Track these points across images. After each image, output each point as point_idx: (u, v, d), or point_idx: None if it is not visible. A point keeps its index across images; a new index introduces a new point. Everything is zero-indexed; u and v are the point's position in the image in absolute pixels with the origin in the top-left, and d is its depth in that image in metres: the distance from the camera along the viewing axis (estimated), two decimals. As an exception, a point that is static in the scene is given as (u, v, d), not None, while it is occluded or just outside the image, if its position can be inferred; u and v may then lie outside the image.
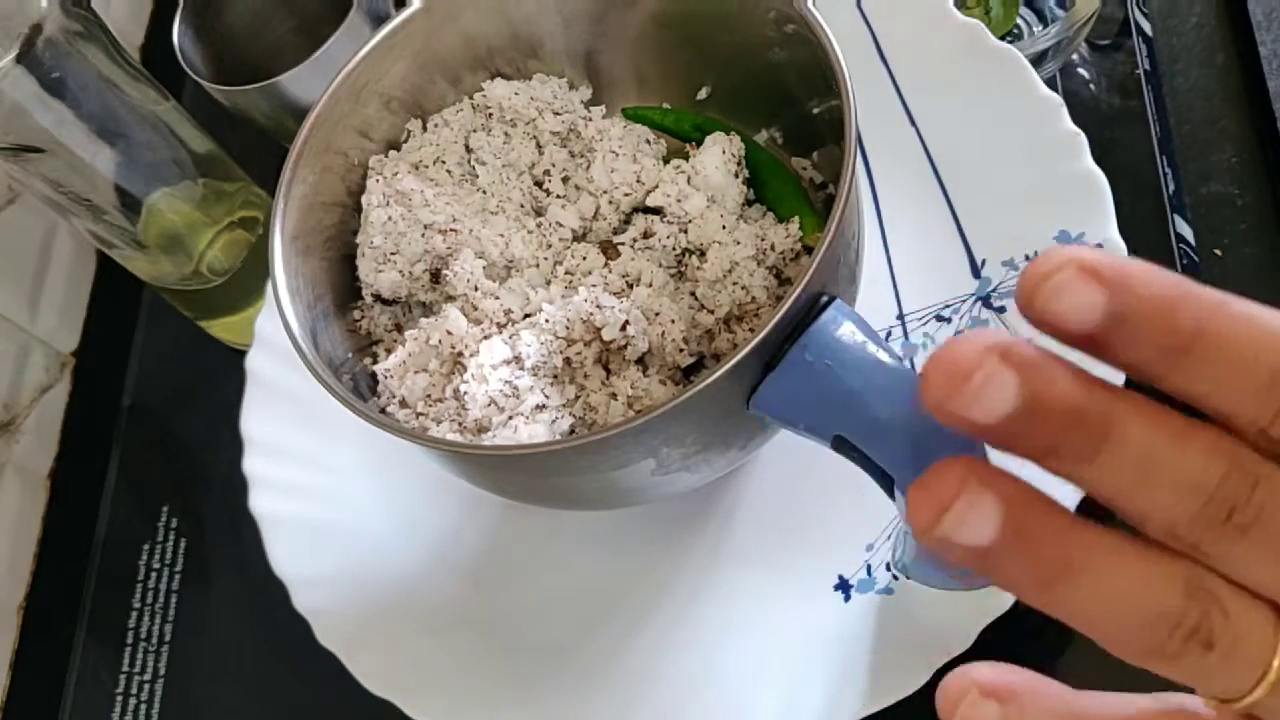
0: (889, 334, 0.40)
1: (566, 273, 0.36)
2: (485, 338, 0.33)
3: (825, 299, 0.28)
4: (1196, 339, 0.16)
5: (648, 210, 0.37)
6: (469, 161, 0.38)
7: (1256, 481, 0.16)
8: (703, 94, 0.39)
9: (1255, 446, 0.16)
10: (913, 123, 0.42)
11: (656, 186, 0.37)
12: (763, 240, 0.35)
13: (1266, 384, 0.16)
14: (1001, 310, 0.39)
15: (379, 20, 0.46)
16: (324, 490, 0.42)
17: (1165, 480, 0.16)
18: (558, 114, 0.38)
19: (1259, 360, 0.16)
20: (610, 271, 0.35)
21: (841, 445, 0.27)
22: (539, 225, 0.37)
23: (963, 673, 0.18)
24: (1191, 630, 0.17)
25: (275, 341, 0.40)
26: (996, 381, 0.16)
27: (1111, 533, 0.17)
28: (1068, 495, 0.19)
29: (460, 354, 0.33)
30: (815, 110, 0.36)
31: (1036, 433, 0.16)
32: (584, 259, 0.36)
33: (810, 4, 0.32)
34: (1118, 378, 0.17)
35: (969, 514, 0.16)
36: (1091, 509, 0.18)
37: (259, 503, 0.41)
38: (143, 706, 0.46)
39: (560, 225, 0.37)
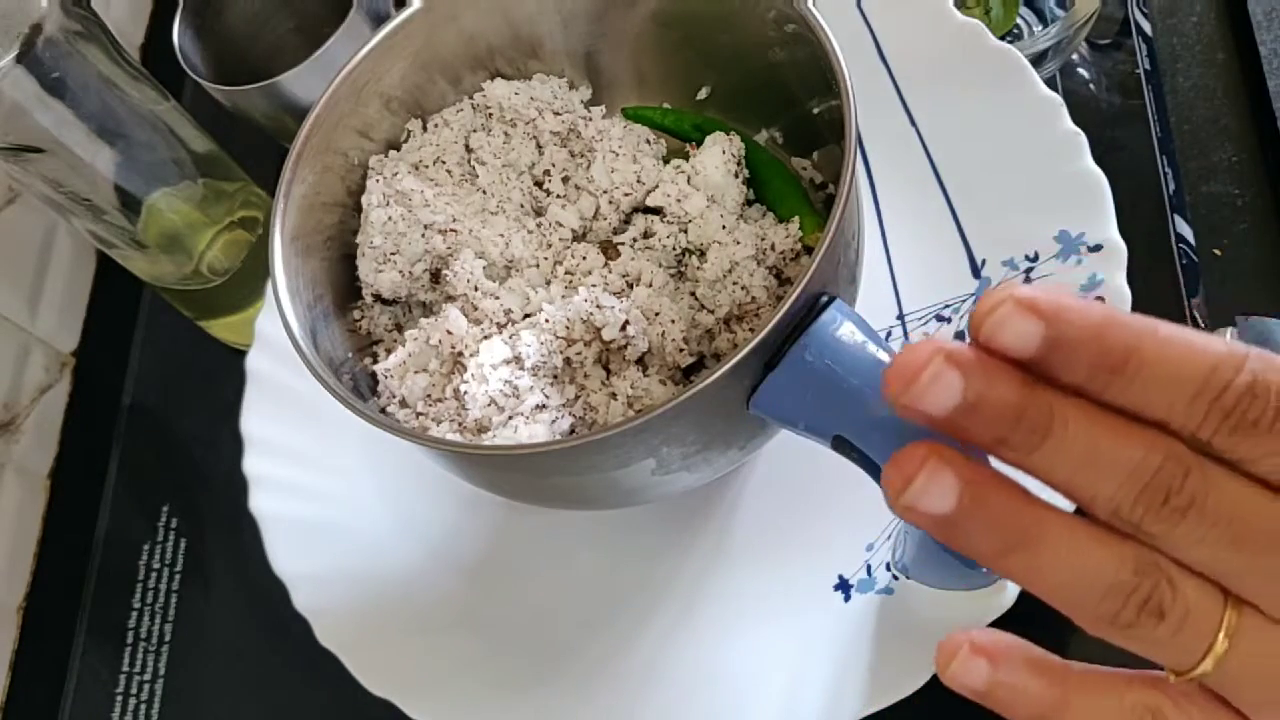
0: (889, 334, 0.40)
1: (566, 273, 0.36)
2: (485, 338, 0.33)
3: (825, 299, 0.28)
4: (1128, 359, 0.18)
5: (648, 210, 0.37)
6: (469, 161, 0.38)
7: (1189, 471, 0.18)
8: (703, 94, 0.39)
9: (1189, 446, 0.19)
10: (913, 123, 0.42)
11: (656, 186, 0.37)
12: (763, 240, 0.35)
13: (1192, 395, 0.18)
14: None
15: (379, 20, 0.46)
16: (324, 490, 0.42)
17: (1105, 468, 0.18)
18: (558, 114, 0.38)
19: (1185, 376, 0.18)
20: (610, 271, 0.35)
21: (841, 445, 0.27)
22: (539, 225, 0.37)
23: (958, 633, 0.20)
24: (1144, 600, 0.19)
25: (275, 341, 0.40)
26: (942, 379, 0.18)
27: (1067, 513, 0.19)
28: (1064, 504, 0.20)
29: (460, 354, 0.33)
30: (815, 110, 0.36)
31: (982, 425, 0.18)
32: (584, 259, 0.36)
33: (810, 4, 0.32)
34: None
35: (929, 485, 0.19)
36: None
37: (259, 503, 0.41)
38: (143, 706, 0.46)
39: (560, 225, 0.37)
